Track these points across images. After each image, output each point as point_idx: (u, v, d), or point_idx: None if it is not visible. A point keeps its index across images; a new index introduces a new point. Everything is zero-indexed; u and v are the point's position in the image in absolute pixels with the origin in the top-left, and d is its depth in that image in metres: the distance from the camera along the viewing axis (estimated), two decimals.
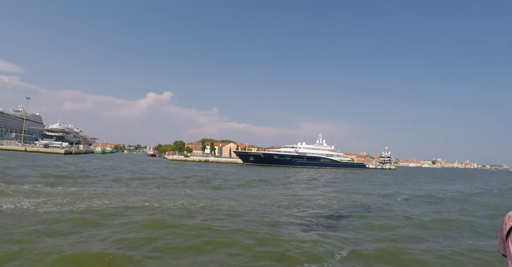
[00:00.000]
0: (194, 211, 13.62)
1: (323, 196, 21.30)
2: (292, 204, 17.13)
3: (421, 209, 17.78)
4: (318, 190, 26.33)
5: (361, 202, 19.15)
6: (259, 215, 13.49)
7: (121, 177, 27.81)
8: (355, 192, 25.76)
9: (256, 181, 31.88)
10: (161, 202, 14.99)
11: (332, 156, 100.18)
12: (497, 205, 22.04)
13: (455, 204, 21.17)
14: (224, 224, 11.40)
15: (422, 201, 21.98)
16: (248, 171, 51.82)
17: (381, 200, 20.89)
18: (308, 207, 16.41)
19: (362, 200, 20.18)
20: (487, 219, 15.59)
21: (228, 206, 15.24)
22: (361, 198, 21.57)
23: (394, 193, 26.49)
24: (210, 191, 21.42)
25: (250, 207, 15.31)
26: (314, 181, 38.35)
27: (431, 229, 12.71)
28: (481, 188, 40.35)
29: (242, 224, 11.60)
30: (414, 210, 17.22)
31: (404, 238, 10.91)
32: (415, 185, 39.21)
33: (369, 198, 21.59)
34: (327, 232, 11.06)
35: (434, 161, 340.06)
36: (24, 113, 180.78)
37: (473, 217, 16.04)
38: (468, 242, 10.73)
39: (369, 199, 20.98)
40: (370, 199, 21.31)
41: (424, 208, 18.30)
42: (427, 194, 26.79)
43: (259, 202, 17.10)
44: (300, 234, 10.54)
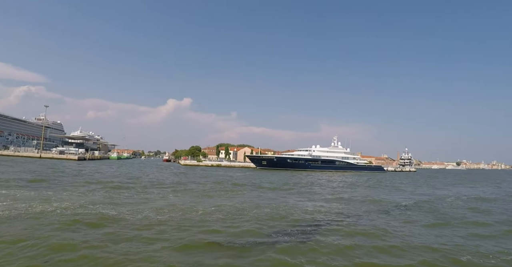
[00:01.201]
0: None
1: (310, 205, 19.27)
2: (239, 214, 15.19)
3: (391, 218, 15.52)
4: (309, 197, 24.19)
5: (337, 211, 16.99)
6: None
7: (92, 181, 27.33)
8: (346, 198, 23.51)
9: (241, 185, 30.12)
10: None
11: (348, 159, 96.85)
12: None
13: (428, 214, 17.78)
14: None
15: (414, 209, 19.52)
16: (253, 176, 50.00)
17: (366, 208, 18.54)
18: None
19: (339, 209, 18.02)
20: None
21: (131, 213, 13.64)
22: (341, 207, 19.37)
23: (388, 200, 23.72)
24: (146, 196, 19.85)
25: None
26: (318, 186, 36.10)
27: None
28: (494, 192, 36.12)
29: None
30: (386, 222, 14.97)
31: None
32: (423, 189, 36.13)
33: (352, 206, 19.29)
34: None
35: (459, 163, 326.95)
36: (45, 122, 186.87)
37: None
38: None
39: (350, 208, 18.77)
40: (353, 207, 19.01)
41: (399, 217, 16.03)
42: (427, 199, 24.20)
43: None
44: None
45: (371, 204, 20.17)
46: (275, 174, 57.20)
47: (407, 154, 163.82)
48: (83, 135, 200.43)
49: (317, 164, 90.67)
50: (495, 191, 36.40)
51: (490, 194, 32.57)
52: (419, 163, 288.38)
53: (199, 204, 17.03)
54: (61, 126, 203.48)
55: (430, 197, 26.36)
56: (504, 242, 11.50)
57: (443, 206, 20.47)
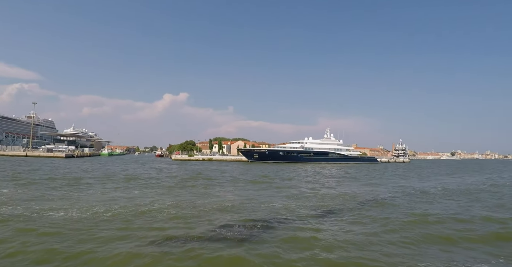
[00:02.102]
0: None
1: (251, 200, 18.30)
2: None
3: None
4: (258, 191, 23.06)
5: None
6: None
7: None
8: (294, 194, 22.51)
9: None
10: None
11: (341, 151, 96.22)
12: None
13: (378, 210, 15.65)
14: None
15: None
16: (239, 169, 49.06)
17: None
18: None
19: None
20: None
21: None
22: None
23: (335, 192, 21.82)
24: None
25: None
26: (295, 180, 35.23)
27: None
28: (475, 183, 35.20)
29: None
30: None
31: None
32: (403, 180, 35.32)
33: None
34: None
35: (453, 153, 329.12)
36: (35, 119, 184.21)
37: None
38: None
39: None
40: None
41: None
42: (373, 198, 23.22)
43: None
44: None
45: (336, 199, 18.38)
46: (264, 167, 56.30)
47: (401, 145, 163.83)
48: (76, 132, 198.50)
49: (310, 156, 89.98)
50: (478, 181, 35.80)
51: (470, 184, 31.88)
52: (415, 153, 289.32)
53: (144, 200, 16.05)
54: (53, 124, 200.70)
55: (403, 190, 24.91)
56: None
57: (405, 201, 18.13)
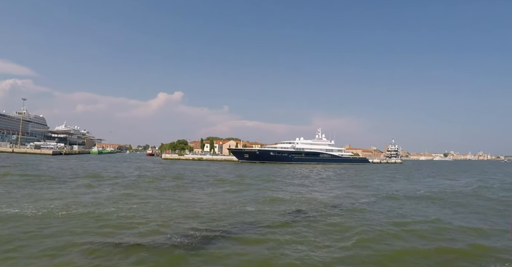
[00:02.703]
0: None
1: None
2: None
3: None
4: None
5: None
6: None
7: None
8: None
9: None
10: None
11: (332, 151, 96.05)
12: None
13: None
14: None
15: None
16: (225, 170, 48.44)
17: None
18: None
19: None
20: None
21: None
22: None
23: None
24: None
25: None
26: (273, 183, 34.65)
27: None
28: (458, 186, 34.58)
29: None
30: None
31: None
32: (389, 183, 35.09)
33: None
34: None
35: (446, 154, 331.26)
36: (26, 116, 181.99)
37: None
38: None
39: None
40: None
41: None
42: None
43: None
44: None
45: (311, 204, 17.51)
46: (252, 168, 55.73)
47: (394, 146, 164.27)
48: (67, 129, 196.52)
49: (301, 157, 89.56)
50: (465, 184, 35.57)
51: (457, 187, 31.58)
52: (408, 154, 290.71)
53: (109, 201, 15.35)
54: (44, 121, 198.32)
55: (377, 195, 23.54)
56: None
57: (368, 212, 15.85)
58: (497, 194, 25.39)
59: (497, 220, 14.70)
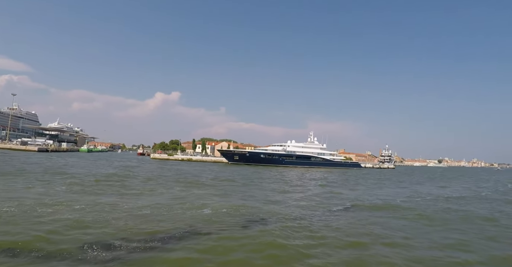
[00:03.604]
0: None
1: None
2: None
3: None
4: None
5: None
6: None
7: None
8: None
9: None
10: None
11: (324, 155, 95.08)
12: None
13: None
14: None
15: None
16: (209, 171, 47.21)
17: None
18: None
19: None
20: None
21: None
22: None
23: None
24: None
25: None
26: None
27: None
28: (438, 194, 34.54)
29: None
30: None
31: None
32: (371, 189, 34.08)
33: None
34: None
35: (440, 160, 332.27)
36: (18, 111, 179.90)
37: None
38: None
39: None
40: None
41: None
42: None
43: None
44: None
45: (270, 213, 16.09)
46: (239, 170, 54.57)
47: (388, 151, 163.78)
48: (60, 127, 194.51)
49: (292, 160, 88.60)
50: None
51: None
52: (402, 160, 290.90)
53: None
54: (36, 117, 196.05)
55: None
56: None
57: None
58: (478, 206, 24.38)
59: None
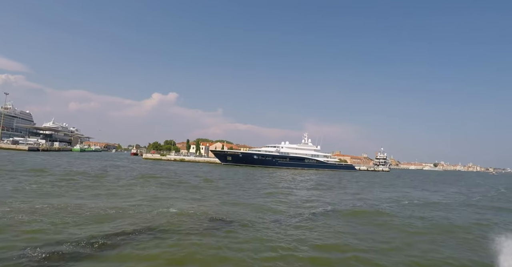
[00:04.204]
0: None
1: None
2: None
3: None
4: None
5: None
6: None
7: None
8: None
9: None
10: None
11: (318, 157, 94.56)
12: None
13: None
14: None
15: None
16: (194, 172, 46.66)
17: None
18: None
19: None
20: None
21: None
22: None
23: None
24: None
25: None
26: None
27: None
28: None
29: None
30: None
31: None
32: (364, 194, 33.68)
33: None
34: None
35: (436, 164, 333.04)
36: (11, 111, 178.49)
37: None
38: None
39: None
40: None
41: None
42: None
43: None
44: None
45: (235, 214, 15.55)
46: (230, 171, 54.07)
47: (383, 154, 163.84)
48: (55, 126, 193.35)
49: (285, 161, 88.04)
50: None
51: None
52: (398, 163, 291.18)
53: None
54: (30, 117, 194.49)
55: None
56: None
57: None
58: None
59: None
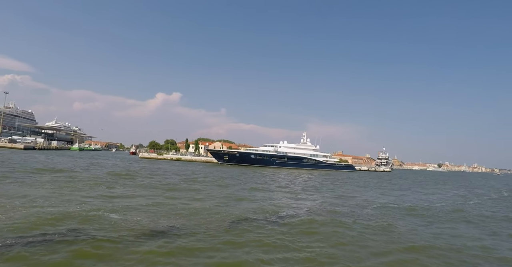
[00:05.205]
0: None
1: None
2: None
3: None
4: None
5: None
6: None
7: None
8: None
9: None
10: None
11: (317, 157, 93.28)
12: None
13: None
14: None
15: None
16: (185, 172, 45.75)
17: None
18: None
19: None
20: None
21: None
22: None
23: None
24: None
25: None
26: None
27: None
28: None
29: None
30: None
31: None
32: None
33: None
34: None
35: (440, 164, 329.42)
36: (14, 110, 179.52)
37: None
38: None
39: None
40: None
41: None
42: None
43: None
44: None
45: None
46: (225, 171, 53.12)
47: (385, 154, 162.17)
48: (57, 126, 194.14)
49: (283, 161, 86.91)
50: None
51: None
52: (401, 163, 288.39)
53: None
54: (32, 116, 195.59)
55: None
56: None
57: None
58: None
59: None
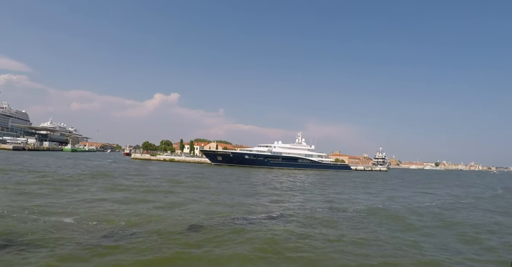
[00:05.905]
0: None
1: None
2: None
3: None
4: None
5: None
6: None
7: None
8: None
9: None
10: None
11: (312, 157, 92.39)
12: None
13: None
14: None
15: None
16: (175, 173, 44.66)
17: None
18: None
19: None
20: None
21: None
22: None
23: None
24: None
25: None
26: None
27: None
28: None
29: None
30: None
31: None
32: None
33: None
34: None
35: (438, 163, 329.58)
36: (7, 110, 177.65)
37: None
38: None
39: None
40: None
41: None
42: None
43: None
44: None
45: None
46: (217, 171, 52.24)
47: (381, 153, 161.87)
48: (52, 126, 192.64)
49: (278, 161, 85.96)
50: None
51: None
52: (399, 162, 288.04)
53: None
54: (26, 116, 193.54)
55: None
56: None
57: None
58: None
59: None
